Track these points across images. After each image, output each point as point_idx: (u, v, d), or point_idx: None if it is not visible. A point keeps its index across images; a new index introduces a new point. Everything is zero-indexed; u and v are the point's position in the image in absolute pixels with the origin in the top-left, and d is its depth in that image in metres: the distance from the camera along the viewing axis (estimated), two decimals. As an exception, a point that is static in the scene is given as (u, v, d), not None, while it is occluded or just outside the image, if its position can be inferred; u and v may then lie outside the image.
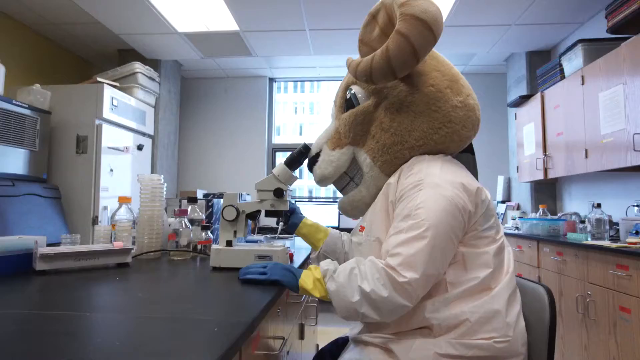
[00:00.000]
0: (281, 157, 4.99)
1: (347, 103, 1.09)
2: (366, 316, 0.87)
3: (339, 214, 4.07)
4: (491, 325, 0.86)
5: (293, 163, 1.18)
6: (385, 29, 1.07)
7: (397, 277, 0.83)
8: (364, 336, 0.98)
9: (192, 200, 1.53)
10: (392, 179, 1.01)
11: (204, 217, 1.53)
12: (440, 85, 1.01)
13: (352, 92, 1.08)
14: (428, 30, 0.90)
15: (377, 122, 1.04)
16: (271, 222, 2.99)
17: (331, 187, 1.17)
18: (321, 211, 4.13)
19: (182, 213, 1.41)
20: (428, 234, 0.85)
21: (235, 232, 1.21)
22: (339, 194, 1.19)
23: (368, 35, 1.11)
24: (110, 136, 3.01)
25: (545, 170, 3.19)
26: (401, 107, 1.01)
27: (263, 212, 1.22)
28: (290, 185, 1.22)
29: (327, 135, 1.13)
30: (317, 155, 1.13)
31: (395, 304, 0.83)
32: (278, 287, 0.93)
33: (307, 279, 0.95)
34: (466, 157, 1.14)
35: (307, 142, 1.19)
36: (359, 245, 1.08)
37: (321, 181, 1.13)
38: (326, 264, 0.96)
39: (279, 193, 1.17)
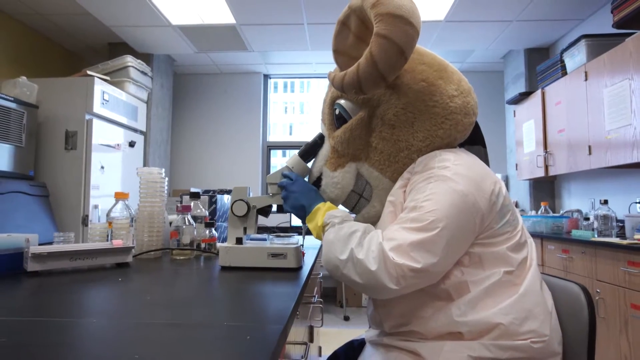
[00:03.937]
0: (279, 156, 4.90)
1: (337, 118, 1.03)
2: (347, 277, 0.84)
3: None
4: (527, 326, 0.81)
5: (307, 154, 1.10)
6: (360, 34, 1.00)
7: (390, 258, 0.78)
8: (386, 339, 0.91)
9: (195, 196, 1.43)
10: (398, 184, 0.95)
11: (207, 213, 1.44)
12: (431, 78, 0.95)
13: (341, 106, 1.01)
14: (409, 25, 0.84)
15: (376, 132, 0.98)
16: (265, 221, 2.91)
17: None
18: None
19: (186, 209, 1.31)
20: (432, 227, 0.79)
21: (245, 229, 1.13)
22: None
23: (342, 43, 1.04)
24: (100, 132, 2.88)
25: (546, 168, 3.16)
26: (397, 111, 0.95)
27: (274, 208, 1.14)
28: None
29: (324, 157, 1.06)
30: (319, 180, 1.06)
31: (379, 281, 0.78)
32: (301, 288, 0.85)
33: (312, 219, 0.98)
34: (477, 149, 1.08)
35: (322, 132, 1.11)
36: None
37: None
38: (333, 215, 0.94)
39: (293, 186, 1.08)
